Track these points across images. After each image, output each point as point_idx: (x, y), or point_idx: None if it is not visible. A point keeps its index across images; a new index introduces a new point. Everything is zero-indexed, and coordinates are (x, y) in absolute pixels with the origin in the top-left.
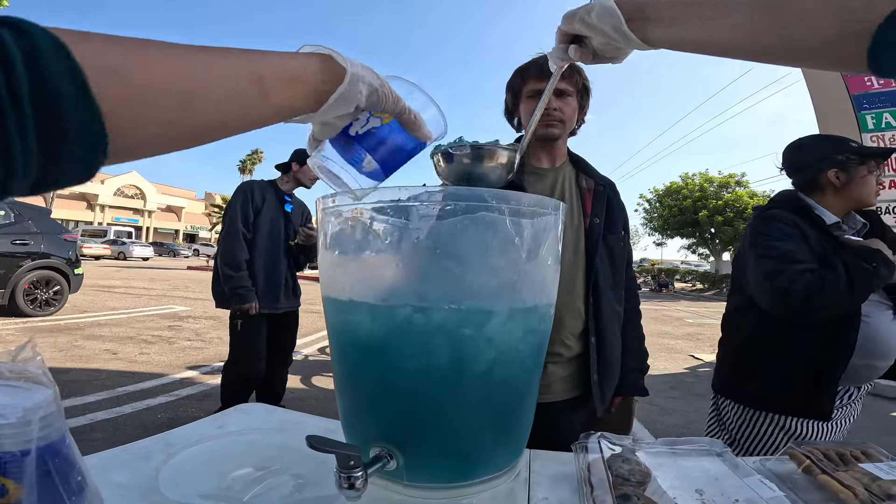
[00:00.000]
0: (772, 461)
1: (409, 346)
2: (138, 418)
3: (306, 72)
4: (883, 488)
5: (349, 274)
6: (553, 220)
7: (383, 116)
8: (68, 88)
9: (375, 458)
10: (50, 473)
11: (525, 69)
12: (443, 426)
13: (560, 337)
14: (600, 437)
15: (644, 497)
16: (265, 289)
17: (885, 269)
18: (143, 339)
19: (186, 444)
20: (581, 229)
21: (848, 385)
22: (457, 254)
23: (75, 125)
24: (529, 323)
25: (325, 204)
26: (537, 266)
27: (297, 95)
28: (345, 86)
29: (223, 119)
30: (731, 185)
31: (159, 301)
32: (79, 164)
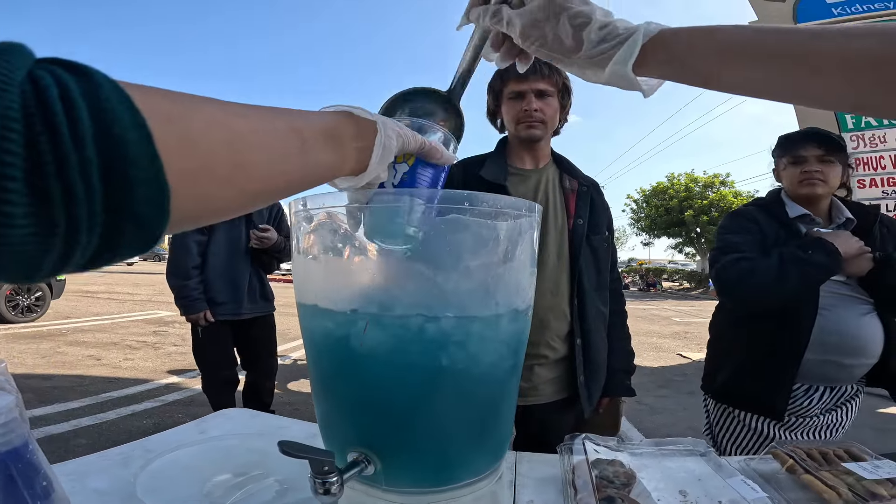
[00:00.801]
0: (755, 461)
1: (380, 351)
2: (123, 424)
3: (338, 127)
4: (867, 488)
5: (320, 279)
6: (528, 223)
7: (407, 160)
8: (133, 135)
9: (352, 462)
10: (13, 478)
11: (504, 71)
12: (419, 431)
13: (545, 339)
14: (585, 438)
15: (628, 499)
16: (225, 294)
17: (824, 257)
18: (127, 344)
19: (166, 449)
20: (565, 230)
21: (816, 384)
22: (429, 257)
23: (141, 176)
24: (505, 326)
25: (296, 207)
26: (512, 269)
27: (335, 152)
28: (381, 135)
29: (272, 177)
30: (716, 185)
31: (144, 306)
32: (143, 224)
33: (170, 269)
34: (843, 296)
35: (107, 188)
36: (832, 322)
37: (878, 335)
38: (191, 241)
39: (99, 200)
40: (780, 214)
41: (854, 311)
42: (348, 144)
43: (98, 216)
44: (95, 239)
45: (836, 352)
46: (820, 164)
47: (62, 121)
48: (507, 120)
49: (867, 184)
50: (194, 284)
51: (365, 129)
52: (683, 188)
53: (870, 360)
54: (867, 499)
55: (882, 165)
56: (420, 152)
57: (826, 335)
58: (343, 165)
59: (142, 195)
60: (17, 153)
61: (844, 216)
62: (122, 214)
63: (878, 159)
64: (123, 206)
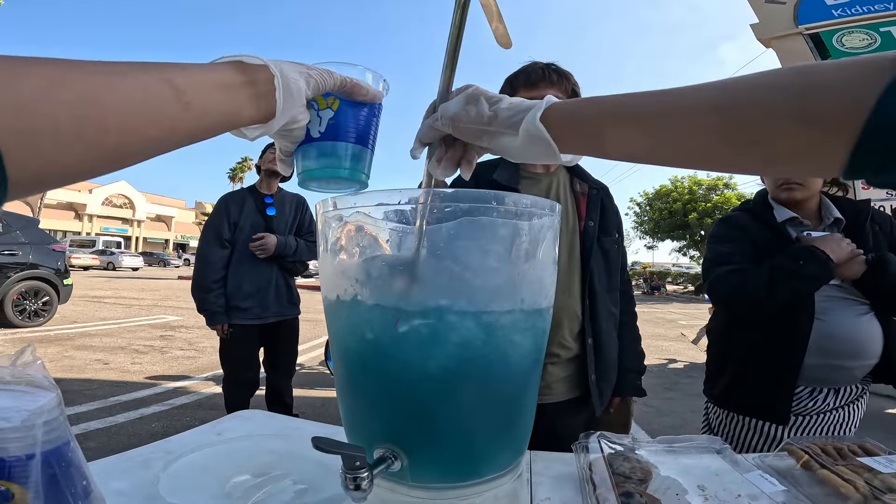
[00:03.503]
0: (770, 457)
1: (410, 348)
2: (132, 428)
3: (224, 75)
4: (884, 482)
5: (349, 277)
6: (550, 221)
7: (331, 104)
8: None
9: (380, 459)
10: (56, 477)
11: (514, 78)
12: (446, 426)
13: (557, 338)
14: (600, 436)
15: (647, 494)
16: (251, 300)
17: (816, 267)
18: (134, 349)
19: (186, 450)
20: (576, 232)
21: (819, 386)
22: (457, 256)
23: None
24: (529, 323)
25: (324, 208)
26: (536, 267)
27: (225, 101)
28: (279, 78)
29: (148, 130)
30: (720, 187)
31: (150, 311)
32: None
33: (194, 281)
34: (838, 298)
35: None
36: (830, 326)
37: (877, 335)
38: (214, 256)
39: None
40: (769, 219)
41: (851, 313)
42: (240, 91)
43: None
44: None
45: (837, 355)
46: None
47: None
48: None
49: None
50: (213, 298)
51: (259, 76)
52: (687, 191)
53: (870, 360)
54: (884, 492)
55: None
56: (343, 91)
57: (825, 340)
58: (240, 113)
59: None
60: None
61: (833, 216)
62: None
63: None
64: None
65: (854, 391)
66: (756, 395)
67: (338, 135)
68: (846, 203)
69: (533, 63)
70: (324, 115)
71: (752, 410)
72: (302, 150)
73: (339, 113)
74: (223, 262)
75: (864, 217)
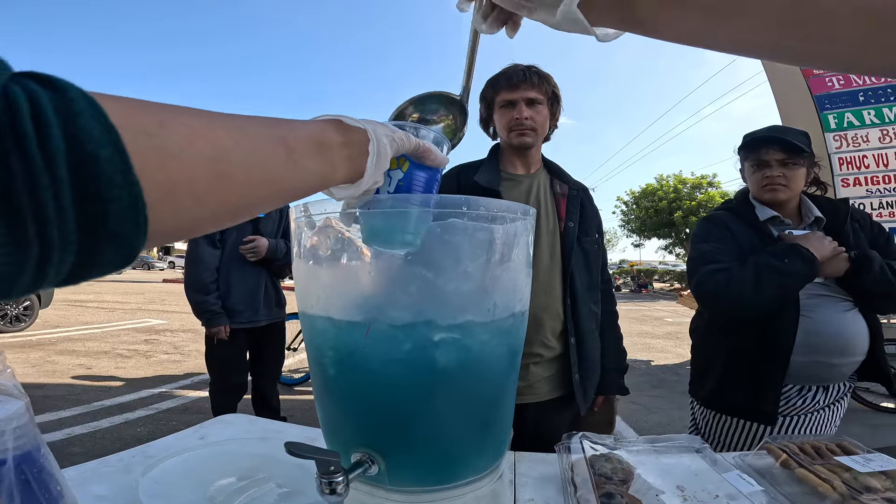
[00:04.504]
0: (750, 456)
1: (382, 355)
2: (117, 432)
3: (325, 135)
4: (861, 481)
5: (322, 284)
6: (523, 226)
7: (401, 165)
8: (106, 152)
9: (357, 463)
10: (29, 482)
11: (495, 80)
12: (421, 431)
13: (539, 338)
14: (582, 437)
15: (628, 495)
16: (242, 303)
17: (801, 265)
18: (118, 353)
19: (167, 455)
20: (556, 233)
21: (809, 384)
22: (428, 261)
23: (115, 193)
24: (503, 327)
25: (297, 213)
26: (509, 271)
27: (323, 161)
28: (374, 142)
29: (260, 187)
30: (704, 185)
31: (134, 315)
32: (119, 241)
33: (188, 283)
34: (822, 296)
35: (79, 207)
36: (816, 323)
37: (863, 332)
38: (207, 255)
39: (71, 219)
40: (751, 218)
41: (836, 309)
42: (337, 152)
43: (72, 234)
44: (70, 257)
45: (823, 352)
46: (782, 169)
47: (32, 139)
48: (499, 128)
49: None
50: (213, 299)
51: (354, 136)
52: (672, 189)
53: (857, 357)
54: (861, 491)
55: (865, 164)
56: (415, 154)
57: (811, 336)
58: (334, 174)
59: (116, 213)
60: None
61: (814, 215)
62: (96, 232)
63: (862, 158)
64: (97, 224)
65: (842, 389)
66: (743, 395)
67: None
68: (825, 202)
69: (514, 65)
70: (394, 176)
71: (740, 411)
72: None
73: (407, 175)
74: (216, 262)
75: (843, 215)
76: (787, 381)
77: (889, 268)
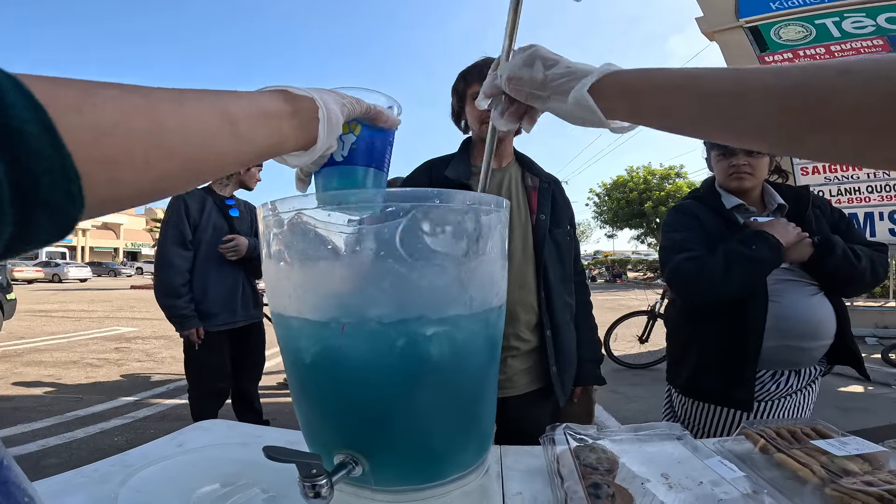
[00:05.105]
0: (729, 441)
1: (359, 354)
2: (93, 442)
3: (272, 107)
4: (839, 465)
5: (293, 283)
6: (497, 218)
7: (353, 129)
8: (32, 128)
9: (340, 464)
10: None
11: (467, 73)
12: (403, 430)
13: (515, 331)
14: (566, 428)
15: (614, 484)
16: (220, 305)
17: (767, 251)
18: (88, 362)
19: (145, 463)
20: (528, 225)
21: (781, 369)
22: (402, 256)
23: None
24: (481, 320)
25: (264, 212)
26: (485, 264)
27: (271, 131)
28: (323, 109)
29: (198, 157)
30: (672, 176)
31: (102, 323)
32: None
33: (158, 288)
34: (789, 281)
35: (11, 180)
36: (784, 308)
37: (830, 315)
38: (176, 259)
39: (6, 192)
40: (718, 206)
41: (802, 294)
42: (286, 122)
43: (6, 206)
44: (8, 228)
45: (793, 336)
46: (747, 157)
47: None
48: (471, 121)
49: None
50: (184, 303)
51: (302, 105)
52: (642, 181)
53: (826, 340)
54: (840, 475)
55: None
56: (366, 117)
57: (781, 321)
58: (284, 143)
59: (48, 184)
60: None
61: (777, 202)
62: (30, 204)
63: None
64: (30, 195)
65: (813, 373)
66: (719, 382)
67: (359, 159)
68: (787, 189)
69: (486, 58)
70: (346, 140)
71: (716, 398)
72: (324, 173)
73: (360, 138)
74: (188, 265)
75: (805, 202)
76: (759, 366)
77: (851, 251)
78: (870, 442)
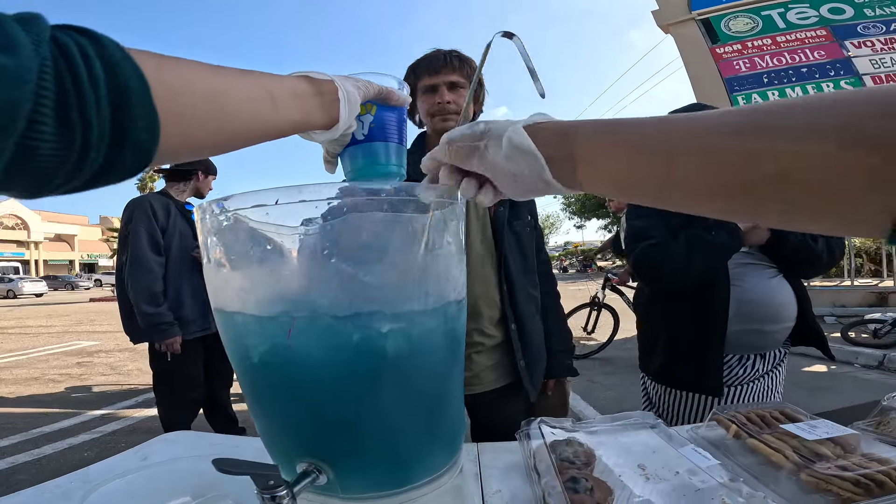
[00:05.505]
0: (703, 428)
1: (311, 357)
2: (62, 458)
3: (298, 87)
4: (811, 449)
5: (236, 285)
6: (451, 211)
7: (370, 110)
8: (134, 82)
9: (302, 474)
10: None
11: (416, 66)
12: (365, 434)
13: (478, 326)
14: (541, 422)
15: (592, 478)
16: (194, 311)
17: (726, 236)
18: (49, 378)
19: (108, 478)
20: (486, 218)
21: (747, 353)
22: (350, 254)
23: (139, 111)
24: (438, 316)
25: (202, 213)
26: (440, 258)
27: (300, 108)
28: (342, 90)
29: (249, 123)
30: None
31: (62, 338)
32: (139, 148)
33: (140, 296)
34: (749, 264)
35: (114, 119)
36: (746, 292)
37: (790, 297)
38: (154, 264)
39: (108, 126)
40: None
41: (762, 276)
42: (311, 101)
43: (106, 138)
44: (101, 157)
45: (756, 319)
46: None
47: (82, 69)
48: (423, 114)
49: None
50: (166, 310)
51: (324, 87)
52: None
53: (788, 323)
54: (814, 460)
55: None
56: (380, 98)
57: (743, 305)
58: (309, 119)
59: (139, 124)
60: (49, 89)
61: None
62: (123, 138)
63: None
64: (125, 132)
65: (778, 355)
66: (688, 369)
67: (379, 136)
68: None
69: (435, 50)
70: (365, 120)
71: (687, 384)
72: (349, 152)
73: (377, 117)
74: (163, 270)
75: None
76: (726, 350)
77: (808, 234)
78: (838, 425)
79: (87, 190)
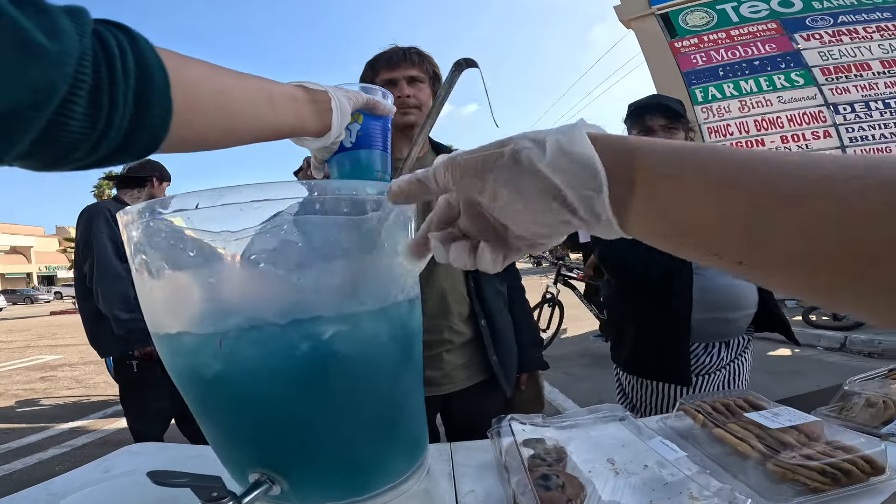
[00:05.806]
0: (671, 419)
1: (251, 366)
2: (32, 473)
3: (294, 93)
4: (776, 438)
5: (164, 299)
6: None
7: (357, 119)
8: (158, 74)
9: (254, 484)
10: None
11: (375, 62)
12: (317, 442)
13: (448, 324)
14: (511, 419)
15: (564, 474)
16: None
17: None
18: (13, 394)
19: (71, 490)
20: None
21: (712, 341)
22: (288, 258)
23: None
24: (386, 317)
25: (125, 219)
26: (382, 259)
27: (294, 113)
28: (335, 100)
29: (249, 121)
30: None
31: (23, 353)
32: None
33: (113, 304)
34: None
35: (137, 104)
36: (707, 280)
37: (751, 284)
38: (122, 270)
39: (130, 110)
40: None
41: None
42: (306, 107)
43: (127, 121)
44: (120, 136)
45: (718, 308)
46: (665, 134)
47: (118, 61)
48: None
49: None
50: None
51: (318, 96)
52: None
53: (749, 310)
54: (778, 449)
55: (730, 132)
56: (367, 107)
57: (706, 294)
58: (304, 125)
59: (155, 111)
60: (87, 74)
61: None
62: (142, 123)
63: (726, 126)
64: (144, 117)
65: (742, 342)
66: (656, 359)
67: (365, 144)
68: None
69: (394, 46)
70: (353, 129)
71: (656, 374)
72: (337, 159)
73: (364, 126)
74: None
75: None
76: (692, 339)
77: None
78: (800, 412)
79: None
